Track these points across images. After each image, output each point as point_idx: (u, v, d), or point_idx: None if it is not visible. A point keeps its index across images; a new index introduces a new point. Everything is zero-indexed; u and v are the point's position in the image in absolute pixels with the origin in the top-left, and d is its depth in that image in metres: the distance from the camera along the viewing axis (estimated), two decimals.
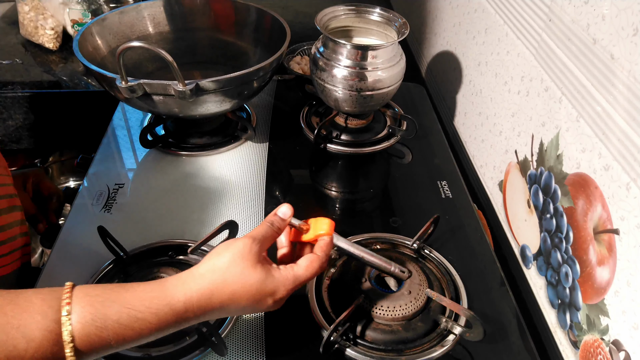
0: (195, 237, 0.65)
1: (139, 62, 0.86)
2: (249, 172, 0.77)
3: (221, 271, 0.43)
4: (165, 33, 0.90)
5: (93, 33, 0.80)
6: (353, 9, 0.81)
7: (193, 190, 0.74)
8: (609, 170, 0.48)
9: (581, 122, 0.53)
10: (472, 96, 0.85)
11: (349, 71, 0.74)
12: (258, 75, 0.72)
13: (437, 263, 0.62)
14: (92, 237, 0.61)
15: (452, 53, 0.94)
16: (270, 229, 0.47)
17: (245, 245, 0.44)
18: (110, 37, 0.83)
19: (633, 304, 0.46)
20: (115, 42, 0.83)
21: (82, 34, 0.77)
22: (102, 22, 0.82)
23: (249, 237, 0.45)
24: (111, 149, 0.82)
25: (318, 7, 0.79)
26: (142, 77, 0.66)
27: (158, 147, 0.81)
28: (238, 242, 0.45)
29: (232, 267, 0.43)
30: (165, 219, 0.69)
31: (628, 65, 0.45)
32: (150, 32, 0.89)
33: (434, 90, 1.05)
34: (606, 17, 0.48)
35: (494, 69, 0.75)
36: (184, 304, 0.42)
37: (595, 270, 0.51)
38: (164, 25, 0.90)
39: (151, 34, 0.89)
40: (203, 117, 0.75)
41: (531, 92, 0.64)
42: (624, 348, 0.47)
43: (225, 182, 0.75)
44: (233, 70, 0.69)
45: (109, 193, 0.73)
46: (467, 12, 0.86)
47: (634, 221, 0.45)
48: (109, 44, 0.83)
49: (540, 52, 0.61)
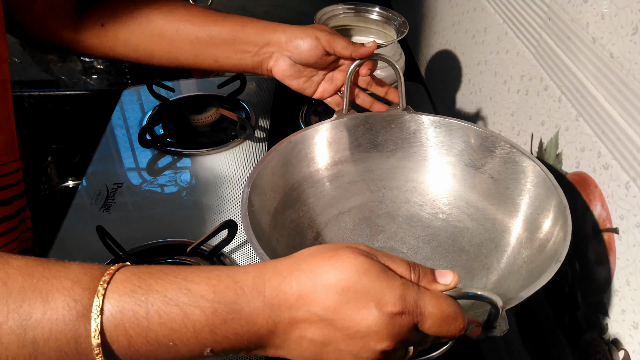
0: (194, 237, 0.65)
1: None
2: (247, 171, 0.77)
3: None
4: None
5: None
6: (352, 8, 0.80)
7: (192, 190, 0.74)
8: (608, 169, 0.48)
9: (580, 121, 0.53)
10: (471, 95, 0.85)
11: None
12: None
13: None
14: (90, 237, 0.61)
15: (452, 52, 0.94)
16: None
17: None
18: None
19: (632, 302, 0.46)
20: None
21: None
22: None
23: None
24: (110, 148, 0.81)
25: (317, 6, 0.78)
26: None
27: (157, 147, 0.81)
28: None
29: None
30: (164, 219, 0.69)
31: (627, 64, 0.45)
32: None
33: (433, 89, 1.05)
34: (605, 15, 0.48)
35: (493, 68, 0.75)
36: (247, 274, 0.33)
37: (594, 269, 0.51)
38: None
39: None
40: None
41: (530, 91, 0.64)
42: (623, 347, 0.47)
43: (224, 181, 0.75)
44: None
45: (108, 192, 0.73)
46: (467, 11, 0.86)
47: (633, 220, 0.45)
48: None
49: (539, 51, 0.61)
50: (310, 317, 0.33)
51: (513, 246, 0.55)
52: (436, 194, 0.64)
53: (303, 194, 0.61)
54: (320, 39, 0.60)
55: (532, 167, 0.55)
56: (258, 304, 0.33)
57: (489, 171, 0.60)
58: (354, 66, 0.62)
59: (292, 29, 0.61)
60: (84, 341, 0.31)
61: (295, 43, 0.60)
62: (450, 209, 0.63)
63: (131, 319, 0.32)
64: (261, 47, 0.61)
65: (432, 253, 0.59)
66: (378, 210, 0.64)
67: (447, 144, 0.63)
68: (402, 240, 0.61)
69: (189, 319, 0.32)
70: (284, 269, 0.34)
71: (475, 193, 0.61)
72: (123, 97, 0.93)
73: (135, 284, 0.32)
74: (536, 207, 0.54)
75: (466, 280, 0.56)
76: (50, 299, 0.31)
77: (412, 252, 0.59)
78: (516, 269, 0.52)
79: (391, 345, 0.32)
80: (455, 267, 0.57)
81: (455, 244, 0.60)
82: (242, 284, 0.33)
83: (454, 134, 0.62)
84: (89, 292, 0.32)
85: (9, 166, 0.55)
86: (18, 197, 0.57)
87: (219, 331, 0.32)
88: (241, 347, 0.33)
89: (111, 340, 0.31)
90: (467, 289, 0.35)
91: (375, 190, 0.65)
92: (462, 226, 0.61)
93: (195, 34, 0.61)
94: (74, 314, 0.31)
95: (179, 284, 0.33)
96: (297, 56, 0.61)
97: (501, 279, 0.53)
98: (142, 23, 0.60)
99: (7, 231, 0.55)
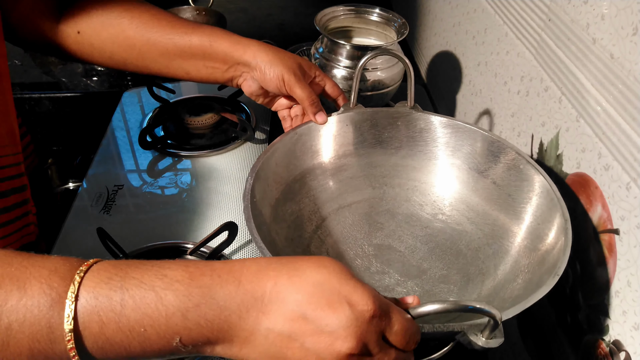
0: (195, 239, 0.65)
1: None
2: (248, 172, 0.77)
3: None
4: None
5: None
6: (352, 9, 0.80)
7: (192, 192, 0.74)
8: (609, 170, 0.48)
9: (581, 121, 0.53)
10: (471, 96, 0.85)
11: (349, 71, 0.74)
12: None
13: None
14: (91, 239, 0.61)
15: (452, 53, 0.94)
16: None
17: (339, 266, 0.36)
18: None
19: (634, 304, 0.45)
20: None
21: None
22: None
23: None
24: (110, 150, 0.82)
25: (317, 7, 0.78)
26: None
27: (157, 148, 0.81)
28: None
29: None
30: (165, 221, 0.69)
31: (628, 64, 0.45)
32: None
33: (433, 90, 1.05)
34: (605, 16, 0.48)
35: (494, 69, 0.75)
36: (225, 264, 0.34)
37: (595, 270, 0.51)
38: None
39: None
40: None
41: (531, 92, 0.64)
42: (624, 348, 0.47)
43: (225, 183, 0.75)
44: None
45: (108, 194, 0.73)
46: (467, 12, 0.86)
47: (634, 221, 0.45)
48: None
49: (540, 52, 0.61)
50: (282, 307, 0.33)
51: (511, 254, 0.55)
52: (437, 195, 0.64)
53: (305, 186, 0.61)
54: (284, 81, 0.60)
55: (536, 176, 0.55)
56: (232, 289, 0.33)
57: (492, 176, 0.60)
58: (365, 60, 0.61)
59: (262, 57, 0.60)
60: (57, 328, 0.31)
61: (262, 74, 0.61)
62: (450, 211, 0.62)
63: (105, 304, 0.32)
64: (230, 65, 0.62)
65: (429, 254, 0.59)
66: (378, 207, 0.64)
67: (453, 146, 0.63)
68: (400, 238, 0.61)
69: (162, 303, 0.32)
70: (264, 261, 0.35)
71: (477, 197, 0.61)
72: (123, 99, 0.93)
73: (112, 272, 0.33)
74: (537, 217, 0.54)
75: (462, 284, 0.56)
76: (27, 286, 0.31)
77: (410, 252, 0.59)
78: (512, 277, 0.52)
79: (356, 348, 0.32)
80: (452, 270, 0.57)
81: (453, 247, 0.60)
82: (220, 271, 0.34)
83: (460, 136, 0.62)
84: (66, 281, 0.32)
85: (7, 159, 0.55)
86: (16, 191, 0.57)
87: (190, 315, 0.33)
88: (210, 337, 0.33)
89: (83, 326, 0.32)
90: (465, 302, 0.35)
91: (376, 187, 0.65)
92: (461, 229, 0.61)
93: (164, 46, 0.61)
94: (49, 300, 0.31)
95: (156, 270, 0.33)
96: (263, 84, 0.62)
97: (497, 286, 0.53)
98: (114, 33, 0.61)
99: (3, 224, 0.55)
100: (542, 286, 0.43)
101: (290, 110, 0.65)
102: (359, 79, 0.62)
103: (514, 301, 0.45)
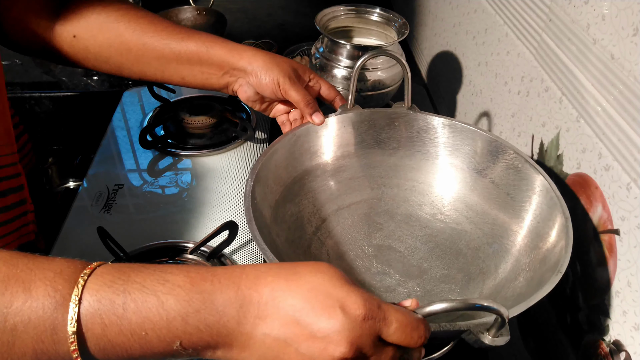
0: (195, 238, 0.65)
1: None
2: (248, 172, 0.77)
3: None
4: None
5: None
6: (353, 9, 0.81)
7: (193, 191, 0.74)
8: (609, 171, 0.48)
9: (581, 122, 0.53)
10: (472, 96, 0.85)
11: (349, 71, 0.74)
12: None
13: None
14: (91, 238, 0.61)
15: (452, 53, 0.94)
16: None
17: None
18: None
19: (634, 304, 0.46)
20: None
21: None
22: None
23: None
24: (111, 149, 0.82)
25: (318, 7, 0.78)
26: None
27: (158, 148, 0.81)
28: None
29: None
30: (165, 220, 0.69)
31: (628, 65, 0.45)
32: None
33: (433, 90, 1.05)
34: (606, 17, 0.48)
35: (494, 69, 0.75)
36: (226, 270, 0.35)
37: (595, 271, 0.51)
38: None
39: None
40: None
41: (531, 93, 0.64)
42: (624, 348, 0.47)
43: (225, 183, 0.75)
44: None
45: (109, 194, 0.73)
46: (467, 12, 0.86)
47: (634, 221, 0.45)
48: None
49: (540, 53, 0.61)
50: (278, 312, 0.34)
51: (512, 253, 0.55)
52: (436, 195, 0.64)
53: (304, 187, 0.61)
54: (279, 85, 0.60)
55: (534, 175, 0.55)
56: (231, 294, 0.34)
57: (491, 176, 0.60)
58: (362, 61, 0.61)
59: (257, 62, 0.61)
60: (61, 330, 0.32)
61: (257, 79, 0.61)
62: (449, 211, 0.63)
63: (107, 307, 0.33)
64: (226, 71, 0.62)
65: (429, 254, 0.59)
66: (377, 207, 0.64)
67: (451, 146, 0.63)
68: (399, 239, 0.61)
69: (164, 307, 0.33)
70: (264, 267, 0.36)
71: (476, 196, 0.61)
72: (124, 98, 0.93)
73: (115, 276, 0.34)
74: (537, 215, 0.54)
75: (463, 283, 0.56)
76: (32, 288, 0.32)
77: (410, 252, 0.59)
78: (514, 276, 0.52)
79: (349, 353, 0.32)
80: (452, 270, 0.57)
81: (453, 246, 0.60)
82: (220, 277, 0.35)
83: (459, 136, 0.62)
84: (70, 283, 0.33)
85: (4, 159, 0.55)
86: (14, 190, 0.57)
87: (190, 320, 0.33)
88: (209, 342, 0.34)
89: (86, 328, 0.32)
90: (473, 300, 0.35)
91: (375, 188, 0.65)
92: (461, 229, 0.61)
93: (161, 51, 0.61)
94: (53, 302, 0.32)
95: (158, 275, 0.34)
96: (258, 89, 0.62)
97: (498, 284, 0.53)
98: (111, 36, 0.61)
99: (2, 223, 0.55)
100: (544, 284, 0.43)
101: (288, 114, 0.65)
102: (356, 80, 0.62)
103: (516, 300, 0.45)
